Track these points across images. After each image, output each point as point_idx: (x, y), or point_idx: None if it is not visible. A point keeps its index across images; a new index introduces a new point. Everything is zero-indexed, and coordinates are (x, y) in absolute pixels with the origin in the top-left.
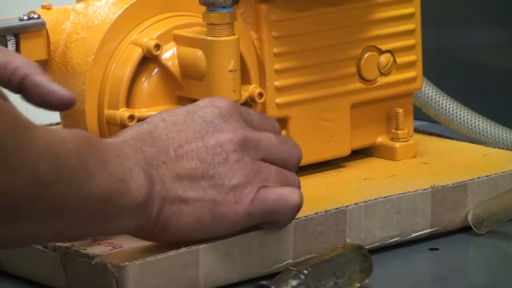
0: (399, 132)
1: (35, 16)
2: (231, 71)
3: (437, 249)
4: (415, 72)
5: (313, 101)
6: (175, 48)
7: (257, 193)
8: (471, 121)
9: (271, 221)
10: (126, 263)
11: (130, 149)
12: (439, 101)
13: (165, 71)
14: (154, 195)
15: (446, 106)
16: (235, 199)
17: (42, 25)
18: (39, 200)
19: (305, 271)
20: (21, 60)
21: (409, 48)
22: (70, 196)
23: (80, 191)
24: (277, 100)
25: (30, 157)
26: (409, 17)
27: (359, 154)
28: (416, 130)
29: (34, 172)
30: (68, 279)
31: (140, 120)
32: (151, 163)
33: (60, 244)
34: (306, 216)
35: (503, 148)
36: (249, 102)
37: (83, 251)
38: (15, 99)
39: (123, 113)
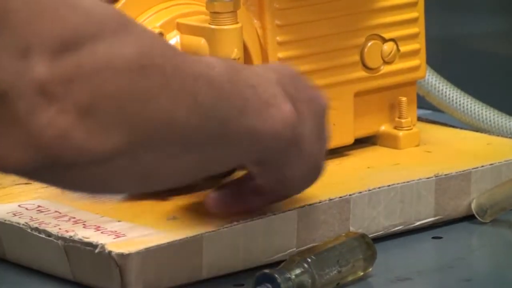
0: (403, 120)
1: None
2: (234, 59)
3: (440, 237)
4: (419, 60)
5: None
6: (178, 37)
7: None
8: (474, 109)
9: None
10: (130, 252)
11: (271, 72)
12: (442, 90)
13: None
14: (297, 120)
15: (449, 94)
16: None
17: None
18: (203, 128)
19: (309, 260)
20: None
21: (412, 37)
22: (230, 121)
23: (239, 116)
24: None
25: (188, 80)
26: (412, 5)
27: (362, 142)
28: (420, 119)
29: (194, 95)
30: (71, 268)
31: None
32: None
33: (64, 232)
34: (309, 205)
35: (506, 137)
36: None
37: (86, 239)
38: None
39: None
